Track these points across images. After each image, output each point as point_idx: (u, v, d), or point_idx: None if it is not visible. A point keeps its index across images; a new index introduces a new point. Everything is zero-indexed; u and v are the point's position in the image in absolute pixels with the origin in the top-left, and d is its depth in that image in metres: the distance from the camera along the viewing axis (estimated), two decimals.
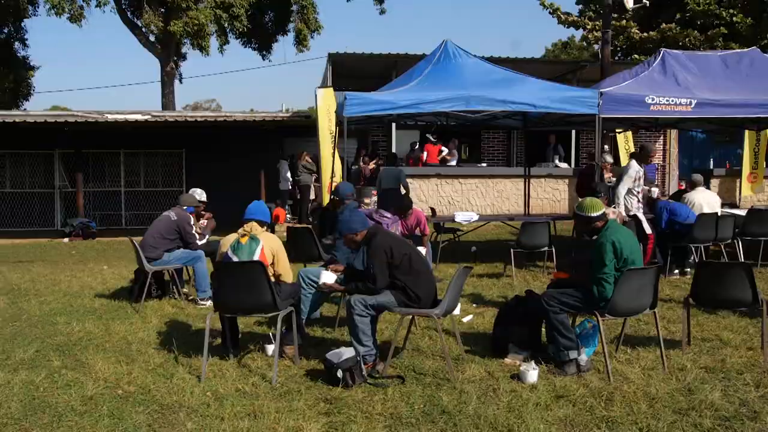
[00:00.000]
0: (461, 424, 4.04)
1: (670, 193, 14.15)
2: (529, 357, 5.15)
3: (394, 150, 17.13)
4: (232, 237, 5.28)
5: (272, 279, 5.20)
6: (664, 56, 9.70)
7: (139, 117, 16.22)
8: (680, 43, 20.44)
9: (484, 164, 17.15)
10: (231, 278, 4.93)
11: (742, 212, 9.58)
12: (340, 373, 4.65)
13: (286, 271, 5.33)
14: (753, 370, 4.95)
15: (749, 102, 8.68)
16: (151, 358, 5.37)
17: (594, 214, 5.02)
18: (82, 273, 9.68)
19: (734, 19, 20.07)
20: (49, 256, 12.05)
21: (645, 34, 20.93)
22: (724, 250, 8.99)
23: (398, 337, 5.67)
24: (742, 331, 6.01)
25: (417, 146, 16.94)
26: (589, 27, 23.30)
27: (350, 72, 16.95)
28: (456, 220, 9.92)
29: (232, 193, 15.21)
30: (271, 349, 5.46)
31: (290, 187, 16.85)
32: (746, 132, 15.84)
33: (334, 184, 13.72)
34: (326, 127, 13.43)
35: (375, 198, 16.05)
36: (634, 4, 14.86)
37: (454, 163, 16.98)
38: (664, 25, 20.97)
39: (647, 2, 14.77)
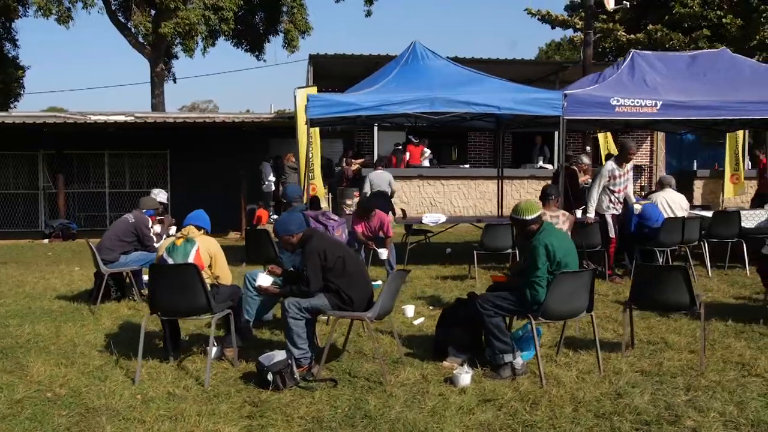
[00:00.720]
0: (380, 428, 4.03)
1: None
2: (466, 360, 5.14)
3: (376, 150, 17.18)
4: (169, 240, 5.29)
5: (212, 281, 5.21)
6: (633, 57, 9.67)
7: (122, 118, 16.22)
8: (666, 45, 20.43)
9: (467, 165, 17.12)
10: (165, 280, 4.93)
11: (710, 214, 9.55)
12: (270, 376, 4.65)
13: (225, 274, 5.34)
14: (688, 374, 4.93)
15: (714, 104, 8.64)
16: (92, 361, 5.37)
17: (529, 217, 5.00)
18: (51, 274, 9.70)
19: (723, 20, 20.02)
20: (25, 257, 12.07)
21: (632, 36, 20.90)
22: (689, 253, 8.96)
23: (339, 341, 5.69)
24: (690, 334, 5.99)
25: (401, 147, 16.94)
26: (578, 27, 23.31)
27: (332, 73, 16.95)
28: (423, 222, 9.91)
29: (216, 194, 15.32)
30: (214, 351, 5.46)
31: (273, 188, 16.85)
32: (728, 133, 15.82)
33: (312, 186, 13.80)
34: (305, 128, 13.40)
35: (357, 199, 16.10)
36: (615, 5, 14.85)
37: (426, 164, 17.03)
38: (651, 26, 20.95)
39: (627, 3, 14.75)
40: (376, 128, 16.03)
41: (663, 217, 8.48)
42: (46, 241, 14.48)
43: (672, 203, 8.90)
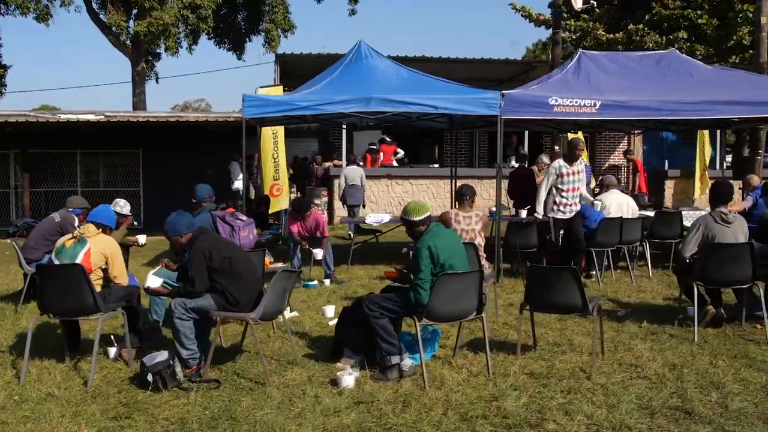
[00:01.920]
0: (239, 430, 4.01)
1: None
2: (359, 362, 5.12)
3: (344, 149, 17.20)
4: (61, 240, 5.28)
5: (101, 282, 5.20)
6: (580, 57, 9.61)
7: (92, 117, 16.25)
8: (645, 46, 20.30)
9: (436, 165, 17.06)
10: (51, 281, 4.93)
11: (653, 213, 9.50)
12: (150, 377, 4.64)
13: (121, 274, 5.32)
14: (577, 376, 4.89)
15: (654, 104, 8.55)
16: None
17: (416, 218, 4.97)
18: None
19: (699, 21, 19.89)
20: None
21: (611, 35, 20.75)
22: (628, 254, 8.91)
23: (244, 342, 5.68)
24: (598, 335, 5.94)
25: (376, 146, 16.93)
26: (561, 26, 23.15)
27: (303, 72, 16.88)
28: (366, 222, 9.89)
29: (189, 193, 15.30)
30: (113, 351, 5.46)
31: (242, 187, 16.83)
32: (698, 132, 15.74)
33: (277, 185, 13.80)
34: (269, 128, 13.39)
35: (325, 199, 16.11)
36: (583, 4, 14.78)
37: (395, 164, 17.08)
38: (631, 26, 20.82)
39: (594, 3, 14.68)
40: (344, 128, 15.98)
41: (600, 218, 8.42)
42: (8, 240, 14.49)
43: (619, 206, 8.84)
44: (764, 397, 4.45)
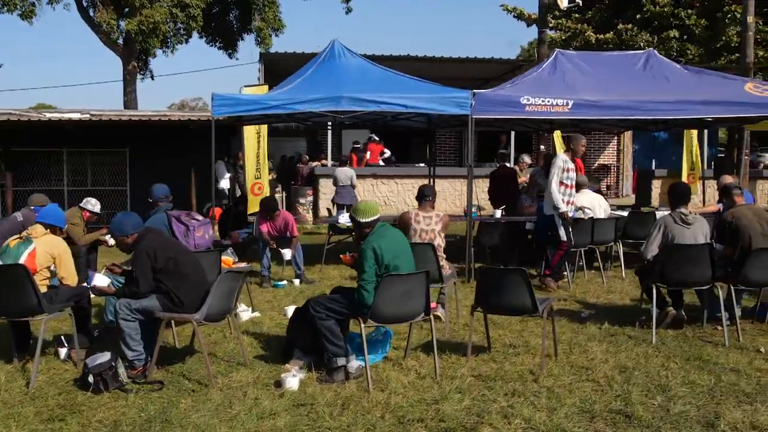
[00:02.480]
0: None
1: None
2: (306, 364, 5.07)
3: (330, 149, 17.18)
4: (9, 239, 5.25)
5: (47, 282, 5.16)
6: (556, 57, 9.55)
7: (77, 116, 16.22)
8: (635, 46, 20.22)
9: (422, 164, 16.99)
10: None
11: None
12: (91, 378, 4.60)
13: (69, 275, 5.28)
14: (525, 378, 4.83)
15: (627, 103, 8.49)
16: None
17: (363, 220, 4.92)
18: None
19: (687, 21, 19.81)
20: None
21: (601, 35, 20.67)
22: (599, 255, 8.85)
23: (190, 343, 5.64)
24: (557, 337, 5.88)
25: (360, 145, 16.88)
26: (551, 26, 23.09)
27: (285, 71, 16.81)
28: (339, 222, 9.84)
29: (175, 192, 15.28)
30: (63, 352, 5.42)
31: (228, 186, 16.80)
32: (686, 132, 15.66)
33: (258, 184, 13.76)
34: (252, 127, 13.34)
35: (310, 198, 16.07)
36: (569, 3, 14.70)
37: (382, 163, 17.05)
38: (621, 25, 20.74)
39: (580, 2, 14.62)
40: (330, 127, 15.92)
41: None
42: None
43: (588, 204, 8.77)
44: (709, 400, 4.40)
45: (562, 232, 7.86)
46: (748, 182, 15.53)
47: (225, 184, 16.78)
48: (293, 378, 4.70)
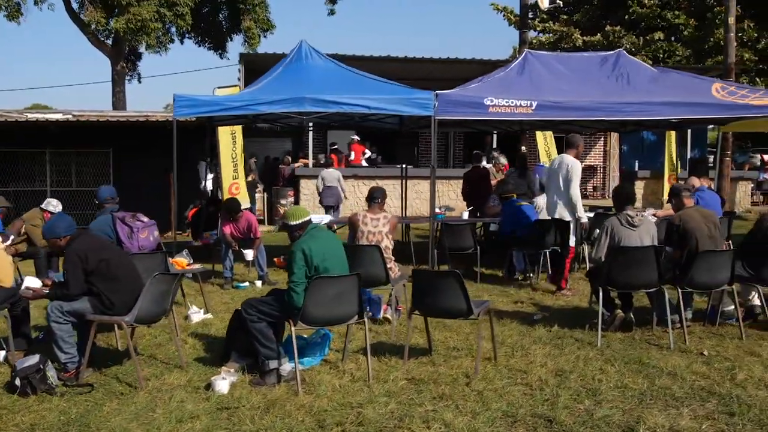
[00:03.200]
0: None
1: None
2: (241, 367, 5.04)
3: (311, 149, 17.17)
4: None
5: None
6: (525, 57, 9.50)
7: (59, 116, 16.23)
8: (622, 47, 20.16)
9: (403, 165, 16.94)
10: None
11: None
12: (18, 381, 4.58)
13: (3, 276, 5.26)
14: (458, 382, 4.79)
15: (592, 104, 8.44)
16: None
17: (293, 223, 4.90)
18: None
19: (676, 21, 19.77)
20: None
21: (587, 37, 20.64)
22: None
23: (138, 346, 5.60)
24: (502, 340, 5.85)
25: (336, 146, 16.86)
26: (539, 29, 23.09)
27: (265, 72, 16.84)
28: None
29: (158, 192, 15.28)
30: (1, 355, 5.40)
31: (211, 187, 16.79)
32: (667, 133, 15.63)
33: (236, 185, 13.75)
34: (227, 128, 13.34)
35: (291, 199, 16.04)
36: (550, 4, 14.68)
37: (364, 163, 17.04)
38: (608, 27, 20.70)
39: (561, 3, 14.60)
40: (311, 128, 15.92)
41: (533, 220, 8.32)
42: None
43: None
44: (637, 404, 4.36)
45: (573, 239, 7.70)
46: (730, 183, 15.50)
47: (207, 185, 16.78)
48: (223, 381, 4.67)
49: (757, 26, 19.40)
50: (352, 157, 17.34)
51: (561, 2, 14.59)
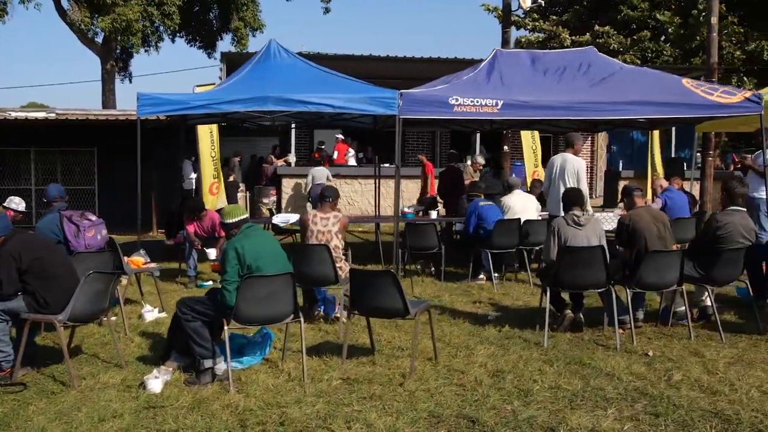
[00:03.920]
0: None
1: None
2: (179, 366, 5.02)
3: (293, 148, 17.17)
4: None
5: None
6: (495, 55, 9.44)
7: (42, 115, 16.24)
8: (611, 47, 20.12)
9: (386, 164, 16.92)
10: None
11: None
12: None
13: None
14: (393, 382, 4.77)
15: (558, 104, 8.38)
16: None
17: (229, 221, 4.89)
18: None
19: (662, 19, 19.70)
20: None
21: (575, 37, 20.57)
22: (528, 256, 8.76)
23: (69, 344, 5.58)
24: (449, 340, 5.83)
25: (323, 145, 16.84)
26: (529, 27, 23.04)
27: None
28: (273, 221, 9.80)
29: (143, 192, 15.30)
30: None
31: (194, 186, 16.77)
32: (650, 133, 15.57)
33: (216, 184, 13.73)
34: (206, 126, 13.31)
35: (273, 198, 16.02)
36: (532, 3, 14.62)
37: (353, 162, 17.03)
38: (597, 27, 20.64)
39: (542, 2, 14.55)
40: (293, 127, 15.89)
41: (496, 220, 8.29)
42: None
43: (518, 205, 8.72)
44: (566, 405, 4.33)
45: None
46: (712, 183, 15.41)
47: (191, 183, 16.77)
48: (155, 380, 4.66)
49: (746, 26, 19.31)
50: (335, 156, 17.31)
51: (543, 2, 14.48)
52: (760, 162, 8.93)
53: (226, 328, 4.71)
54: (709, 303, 6.17)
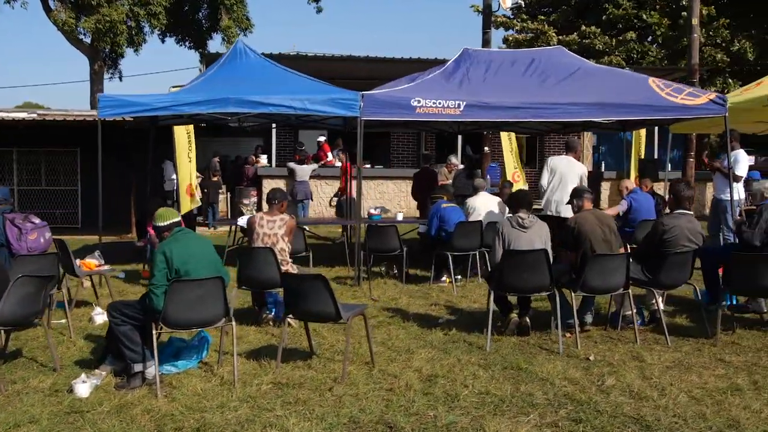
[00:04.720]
0: None
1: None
2: (113, 370, 5.00)
3: (274, 149, 17.15)
4: None
5: None
6: (462, 55, 9.38)
7: (23, 116, 16.24)
8: (595, 47, 20.08)
9: (368, 165, 16.90)
10: None
11: None
12: None
13: None
14: (324, 386, 4.74)
15: (522, 104, 8.32)
16: None
17: (160, 224, 4.87)
18: None
19: (650, 20, 19.64)
20: None
21: (562, 36, 20.53)
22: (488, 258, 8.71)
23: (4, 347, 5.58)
24: (392, 344, 5.79)
25: (303, 147, 16.81)
26: (517, 28, 22.98)
27: None
28: (238, 223, 9.77)
29: (126, 192, 15.31)
30: None
31: (176, 186, 16.75)
32: (634, 133, 15.51)
33: (194, 185, 13.70)
34: (183, 127, 13.28)
35: (254, 199, 15.98)
36: (511, 4, 14.60)
37: (338, 163, 16.94)
38: (584, 27, 20.59)
39: (522, 3, 14.54)
40: (274, 127, 15.88)
41: (457, 221, 8.25)
42: None
43: (482, 206, 8.68)
44: (490, 411, 4.29)
45: None
46: (695, 184, 15.36)
47: (171, 184, 16.75)
48: (83, 384, 4.63)
49: (734, 26, 19.26)
50: (330, 158, 17.24)
51: (523, 2, 14.47)
52: (726, 164, 8.88)
53: (154, 332, 4.68)
54: (658, 306, 6.12)
